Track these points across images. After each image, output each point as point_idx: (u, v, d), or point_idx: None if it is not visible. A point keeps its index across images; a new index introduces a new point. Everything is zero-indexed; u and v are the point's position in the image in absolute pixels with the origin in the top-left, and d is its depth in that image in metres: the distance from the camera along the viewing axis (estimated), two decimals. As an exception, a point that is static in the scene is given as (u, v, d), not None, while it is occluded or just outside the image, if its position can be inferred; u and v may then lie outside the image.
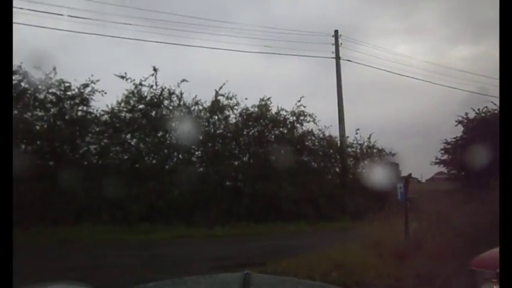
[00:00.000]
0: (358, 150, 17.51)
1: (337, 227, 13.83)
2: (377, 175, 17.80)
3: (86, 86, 13.02)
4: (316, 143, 16.42)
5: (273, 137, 15.66)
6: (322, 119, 16.35)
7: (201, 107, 14.44)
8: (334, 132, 16.98)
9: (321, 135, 16.46)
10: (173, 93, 14.02)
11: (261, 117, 15.24)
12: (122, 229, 11.61)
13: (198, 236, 11.81)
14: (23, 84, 12.65)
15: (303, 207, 14.27)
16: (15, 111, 12.42)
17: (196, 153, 14.38)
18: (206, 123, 14.52)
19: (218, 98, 14.60)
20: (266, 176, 14.27)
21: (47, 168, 12.35)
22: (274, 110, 15.57)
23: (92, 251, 9.60)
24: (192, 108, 14.34)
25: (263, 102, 15.37)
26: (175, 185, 13.19)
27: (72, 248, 9.87)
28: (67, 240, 10.50)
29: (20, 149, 12.46)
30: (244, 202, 13.59)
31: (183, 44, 17.00)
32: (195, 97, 14.33)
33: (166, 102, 14.08)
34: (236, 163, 14.82)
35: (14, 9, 14.06)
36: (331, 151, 16.81)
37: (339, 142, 17.07)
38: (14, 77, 12.50)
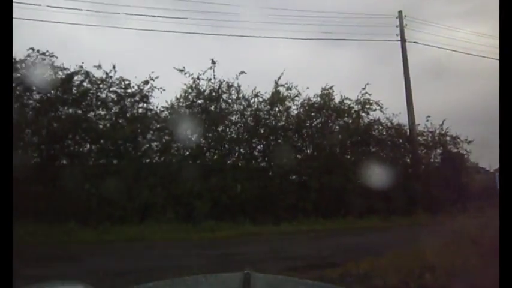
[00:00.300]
0: (429, 139, 16.21)
1: (412, 221, 12.77)
2: (449, 165, 16.48)
3: (146, 83, 12.86)
4: (384, 133, 15.36)
5: (337, 127, 14.80)
6: (388, 106, 15.24)
7: (260, 99, 13.85)
8: (403, 120, 15.84)
9: (389, 124, 15.39)
10: (232, 86, 13.54)
11: (323, 107, 14.41)
12: (186, 227, 11.31)
13: (265, 233, 11.26)
14: (85, 84, 12.70)
15: (373, 201, 13.33)
16: (79, 111, 12.54)
17: (258, 147, 13.82)
18: (267, 116, 13.91)
19: (278, 89, 13.95)
20: (332, 168, 13.47)
21: (111, 166, 12.30)
22: (337, 99, 14.72)
23: (158, 250, 9.29)
24: (252, 101, 13.80)
25: (325, 91, 14.54)
26: (238, 181, 12.74)
27: (139, 247, 9.64)
28: (133, 240, 10.31)
29: (85, 148, 12.55)
30: (311, 197, 12.88)
31: (237, 35, 16.39)
32: (254, 89, 13.77)
33: (225, 95, 13.63)
34: (299, 156, 14.11)
35: (73, 11, 14.33)
36: (401, 140, 15.68)
37: (408, 130, 15.89)
38: (76, 78, 12.64)
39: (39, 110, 12.22)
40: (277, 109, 14.00)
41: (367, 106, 14.87)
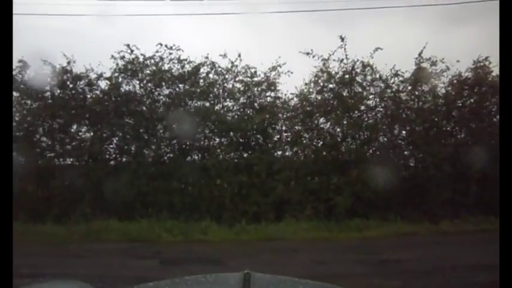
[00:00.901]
0: None
1: None
2: None
3: (273, 69, 11.92)
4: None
5: (495, 107, 12.32)
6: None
7: (401, 79, 12.00)
8: None
9: None
10: (367, 65, 11.91)
11: (478, 83, 12.06)
12: (328, 225, 10.10)
13: (422, 233, 9.56)
14: (211, 75, 12.21)
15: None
16: (207, 104, 12.09)
17: (402, 133, 12.03)
18: (409, 98, 12.05)
19: (421, 65, 11.99)
20: (495, 156, 11.12)
21: (241, 159, 11.62)
22: (494, 73, 12.20)
23: (304, 252, 8.24)
24: (391, 81, 12.02)
25: (480, 64, 12.15)
26: (381, 172, 11.16)
27: (281, 248, 8.66)
28: (272, 239, 9.41)
29: (215, 142, 12.06)
30: (472, 190, 10.75)
31: (363, 8, 14.48)
32: (393, 67, 11.96)
33: (359, 77, 12.07)
34: (450, 142, 12.00)
35: (194, 2, 14.01)
36: None
37: None
38: (202, 69, 12.20)
39: (169, 104, 12.02)
40: (421, 89, 12.05)
41: (535, 78, 12.10)
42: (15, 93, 11.56)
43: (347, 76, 11.96)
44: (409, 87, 12.06)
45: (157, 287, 1.80)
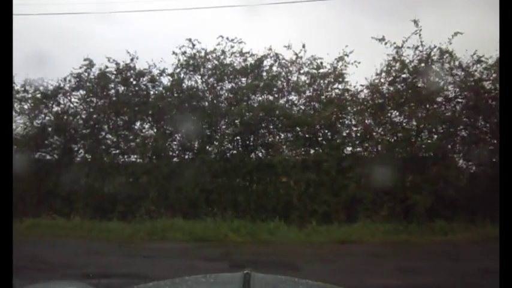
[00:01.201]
0: None
1: None
2: None
3: (340, 59, 11.18)
4: None
5: None
6: None
7: (484, 65, 10.85)
8: None
9: None
10: (446, 52, 10.85)
11: None
12: (407, 227, 9.28)
13: (518, 238, 8.51)
14: (274, 68, 11.69)
15: None
16: (271, 98, 11.59)
17: (486, 126, 10.91)
18: (493, 86, 10.87)
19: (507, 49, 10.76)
20: None
21: (308, 156, 11.02)
22: None
23: (388, 259, 7.52)
24: (473, 69, 10.90)
25: None
26: (463, 169, 10.18)
27: (362, 252, 8.00)
28: (348, 242, 8.78)
29: (280, 138, 11.54)
30: None
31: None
32: (475, 53, 10.83)
33: (436, 66, 11.04)
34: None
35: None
36: None
37: None
38: (265, 62, 11.71)
39: (232, 99, 11.65)
40: (507, 77, 10.84)
41: None
42: (81, 92, 11.67)
43: (422, 65, 11.00)
44: (494, 75, 10.88)
45: (157, 287, 1.81)
